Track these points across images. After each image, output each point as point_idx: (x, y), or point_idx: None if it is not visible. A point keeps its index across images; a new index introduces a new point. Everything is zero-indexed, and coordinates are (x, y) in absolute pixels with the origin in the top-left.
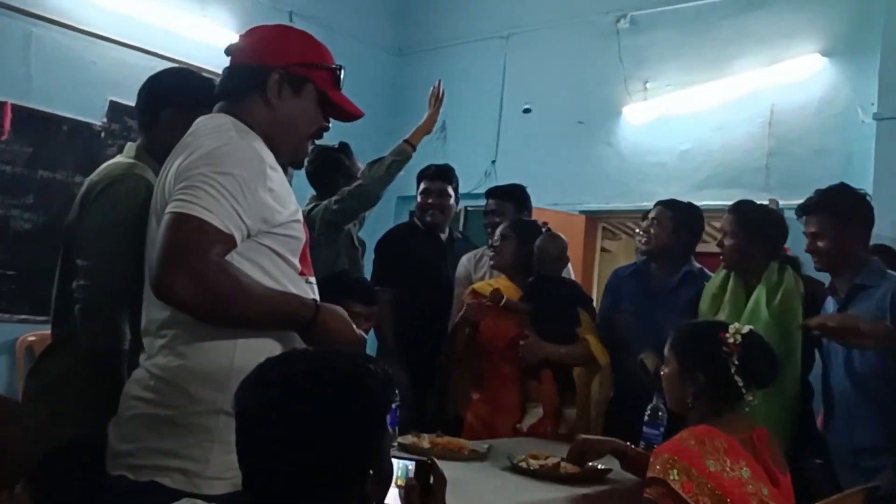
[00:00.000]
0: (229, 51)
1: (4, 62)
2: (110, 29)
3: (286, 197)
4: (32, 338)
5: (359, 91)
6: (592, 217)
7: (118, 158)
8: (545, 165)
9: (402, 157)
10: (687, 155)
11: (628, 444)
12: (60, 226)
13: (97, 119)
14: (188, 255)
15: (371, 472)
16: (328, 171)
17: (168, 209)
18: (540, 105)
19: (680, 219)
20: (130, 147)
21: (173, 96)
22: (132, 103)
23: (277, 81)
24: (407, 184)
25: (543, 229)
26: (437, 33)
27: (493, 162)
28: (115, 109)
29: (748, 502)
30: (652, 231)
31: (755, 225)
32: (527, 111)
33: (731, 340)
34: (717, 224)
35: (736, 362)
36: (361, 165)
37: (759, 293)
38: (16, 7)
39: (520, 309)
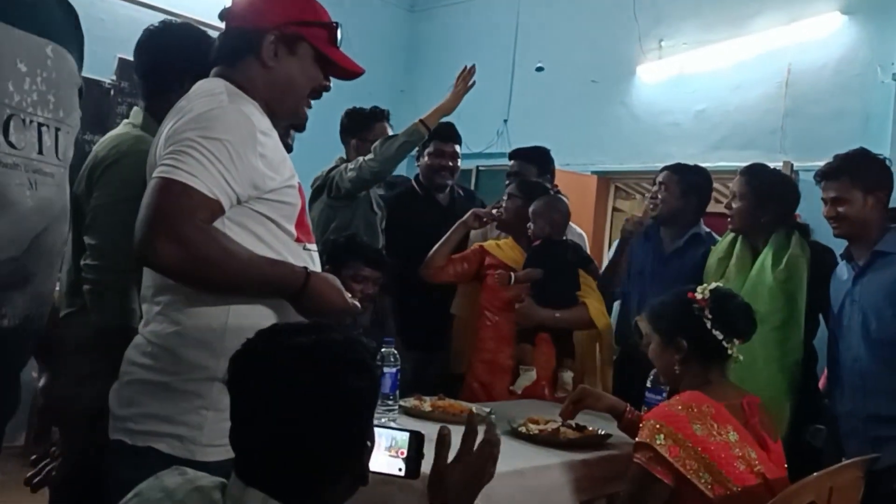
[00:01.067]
0: (223, 15)
1: None
2: None
3: (280, 163)
4: None
5: (371, 48)
6: (605, 178)
7: (124, 128)
8: (558, 125)
9: (414, 137)
10: (702, 115)
11: (627, 405)
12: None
13: (107, 77)
14: (172, 219)
15: (369, 443)
16: (356, 133)
17: (154, 174)
18: (553, 64)
19: (688, 182)
20: (137, 113)
21: (189, 64)
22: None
23: (273, 42)
24: None
25: (552, 191)
26: None
27: (506, 121)
28: (125, 67)
29: (734, 465)
30: (660, 196)
31: (766, 189)
32: (539, 70)
33: (699, 297)
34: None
35: (709, 316)
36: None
37: (765, 257)
38: None
39: (530, 279)
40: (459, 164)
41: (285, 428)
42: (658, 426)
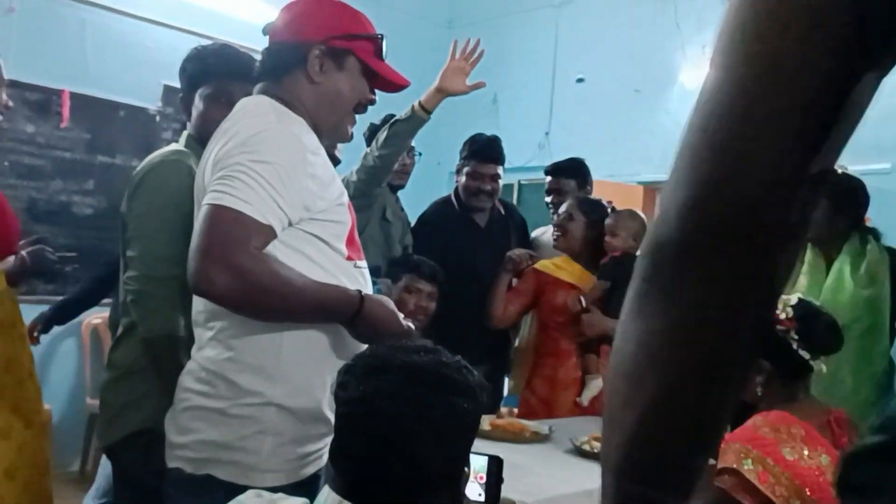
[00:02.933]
0: (267, 30)
1: (61, 50)
2: (162, 13)
3: (329, 181)
4: (97, 320)
5: (408, 65)
6: (651, 188)
7: (172, 146)
8: (601, 136)
9: (412, 123)
10: None
11: None
12: (120, 210)
13: (152, 103)
14: (226, 248)
15: (466, 469)
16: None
17: (205, 201)
18: (594, 74)
19: None
20: (182, 135)
21: (211, 77)
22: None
23: (318, 57)
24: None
25: (609, 208)
26: (488, 4)
27: (547, 134)
28: (170, 93)
29: (826, 491)
30: None
31: (842, 195)
32: (580, 81)
33: (783, 316)
34: None
35: (795, 337)
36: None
37: (842, 264)
38: None
39: (599, 292)
40: (501, 185)
41: (392, 445)
42: (744, 450)
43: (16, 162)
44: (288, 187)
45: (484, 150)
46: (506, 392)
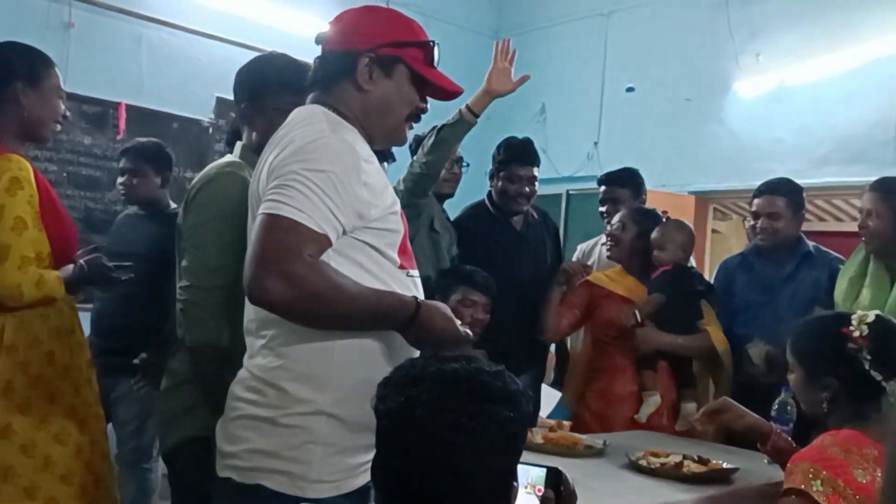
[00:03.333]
0: (319, 39)
1: (118, 64)
2: (215, 27)
3: (382, 189)
4: None
5: (455, 76)
6: (703, 198)
7: (227, 158)
8: (651, 145)
9: (458, 127)
10: (806, 130)
11: (773, 426)
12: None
13: (205, 115)
14: (281, 257)
15: (515, 483)
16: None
17: (260, 210)
18: (644, 83)
19: (795, 203)
20: (237, 146)
21: (271, 87)
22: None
23: (367, 65)
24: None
25: (664, 218)
26: (535, 14)
27: (596, 143)
28: (222, 105)
29: None
30: (775, 225)
31: None
32: (630, 90)
33: (856, 334)
34: (839, 202)
35: (868, 357)
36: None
37: None
38: (127, 10)
39: (654, 306)
40: (537, 187)
41: (432, 458)
42: (813, 470)
43: (73, 173)
44: (342, 195)
45: (520, 153)
46: (543, 403)
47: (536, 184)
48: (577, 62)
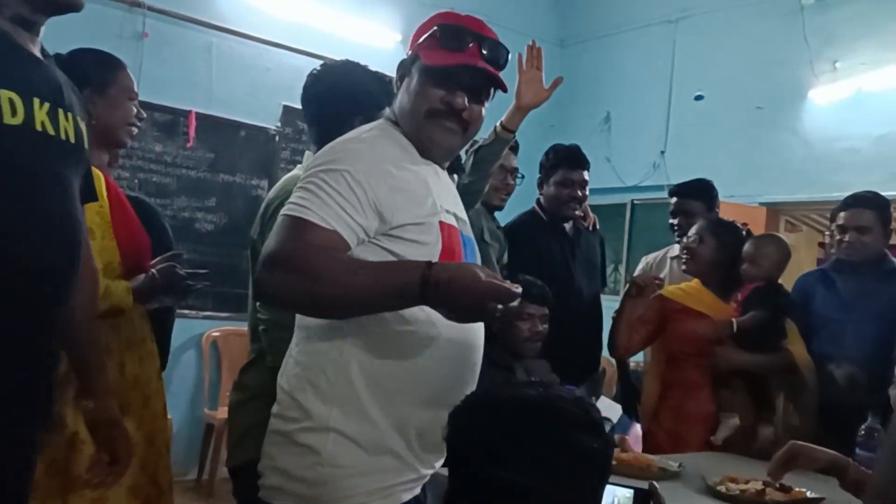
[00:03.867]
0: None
1: (189, 73)
2: (282, 36)
3: (421, 198)
4: (216, 333)
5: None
6: (774, 209)
7: (295, 171)
8: (720, 155)
9: (495, 146)
10: (884, 140)
11: (850, 460)
12: (239, 226)
13: (272, 123)
14: (281, 250)
15: None
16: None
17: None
18: (713, 91)
19: (884, 217)
20: (307, 156)
21: (355, 104)
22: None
23: (400, 70)
24: None
25: (743, 231)
26: (601, 21)
27: (663, 153)
28: (288, 113)
29: None
30: (863, 239)
31: None
32: (699, 98)
33: None
34: None
35: None
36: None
37: None
38: (198, 20)
39: (756, 323)
40: (588, 192)
41: (508, 492)
42: None
43: (144, 180)
44: (358, 194)
45: (571, 157)
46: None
47: (587, 188)
48: (644, 70)
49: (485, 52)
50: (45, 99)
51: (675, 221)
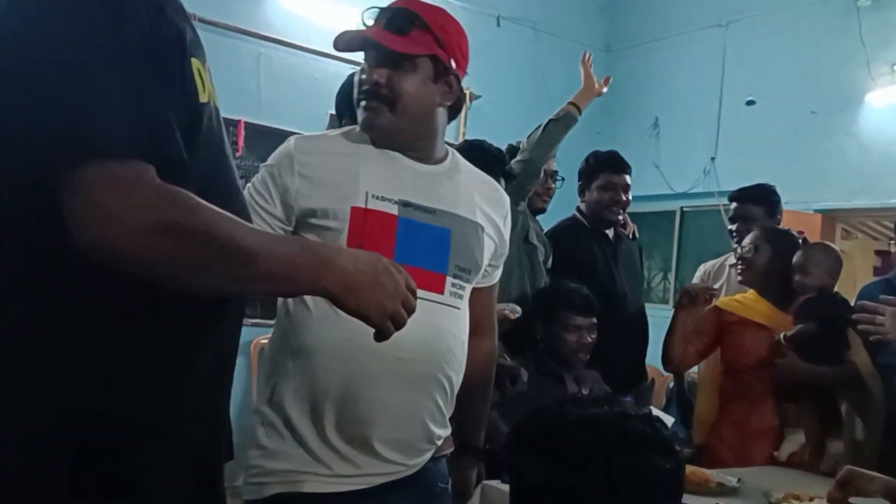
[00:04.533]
0: None
1: (238, 82)
2: (329, 45)
3: (330, 184)
4: (265, 340)
5: (567, 90)
6: (829, 216)
7: None
8: (773, 161)
9: (565, 119)
10: None
11: None
12: None
13: (319, 132)
14: None
15: None
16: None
17: None
18: (765, 96)
19: None
20: None
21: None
22: None
23: None
24: None
25: (800, 239)
26: (648, 26)
27: (713, 159)
28: (335, 122)
29: None
30: None
31: None
32: (750, 103)
33: None
34: None
35: None
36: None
37: None
38: (248, 31)
39: (804, 338)
40: (630, 197)
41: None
42: None
43: None
44: (269, 184)
45: (613, 161)
46: None
47: (630, 193)
48: (693, 74)
49: (369, 20)
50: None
51: (734, 227)
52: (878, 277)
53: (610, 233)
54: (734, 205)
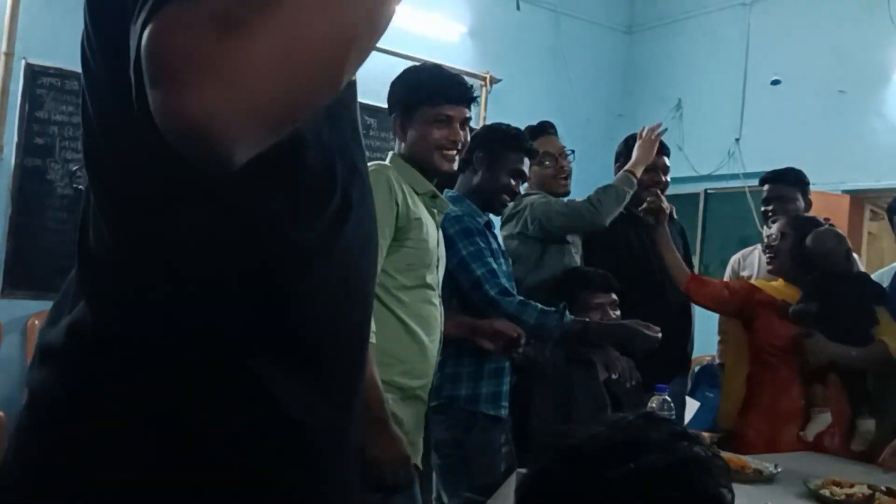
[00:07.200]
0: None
1: None
2: None
3: None
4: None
5: (588, 72)
6: (858, 197)
7: (377, 165)
8: (799, 141)
9: (628, 185)
10: None
11: None
12: None
13: None
14: None
15: None
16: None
17: None
18: (791, 75)
19: None
20: (389, 154)
21: (427, 98)
22: (371, 102)
23: None
24: None
25: (826, 225)
26: (670, 6)
27: (738, 140)
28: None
29: None
30: None
31: None
32: (775, 83)
33: None
34: None
35: None
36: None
37: None
38: None
39: (809, 314)
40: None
41: None
42: None
43: None
44: None
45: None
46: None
47: (669, 175)
48: (717, 55)
49: None
50: None
51: (770, 208)
52: None
53: (649, 218)
54: (767, 187)
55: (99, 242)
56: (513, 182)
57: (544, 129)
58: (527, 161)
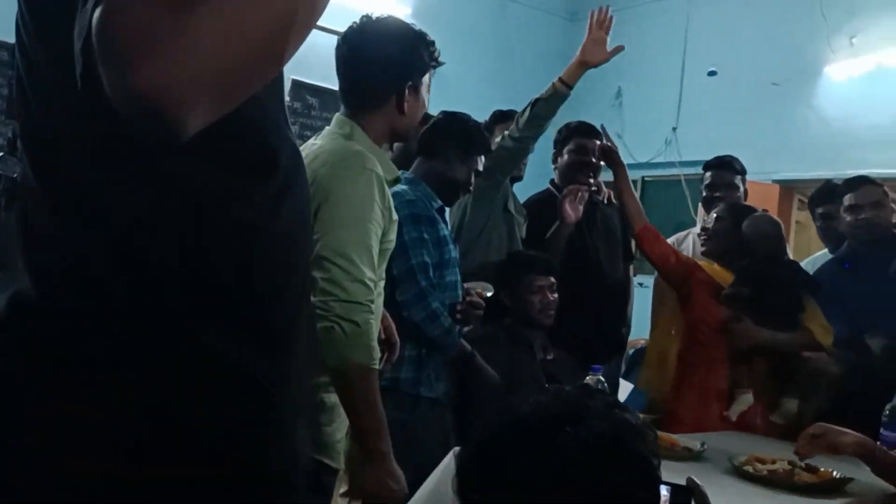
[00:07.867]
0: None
1: None
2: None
3: None
4: None
5: (531, 58)
6: (787, 187)
7: (317, 139)
8: (734, 132)
9: (553, 98)
10: None
11: (877, 444)
12: None
13: None
14: None
15: None
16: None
17: None
18: (727, 67)
19: (886, 194)
20: (342, 122)
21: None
22: (313, 82)
23: None
24: None
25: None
26: None
27: (675, 129)
28: (298, 88)
29: None
30: (881, 215)
31: None
32: (712, 74)
33: None
34: None
35: None
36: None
37: None
38: None
39: (741, 297)
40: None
41: None
42: None
43: None
44: None
45: (584, 127)
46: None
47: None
48: (656, 45)
49: None
50: None
51: (718, 195)
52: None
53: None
54: (710, 173)
55: (39, 219)
56: (473, 179)
57: (509, 116)
58: (482, 157)
